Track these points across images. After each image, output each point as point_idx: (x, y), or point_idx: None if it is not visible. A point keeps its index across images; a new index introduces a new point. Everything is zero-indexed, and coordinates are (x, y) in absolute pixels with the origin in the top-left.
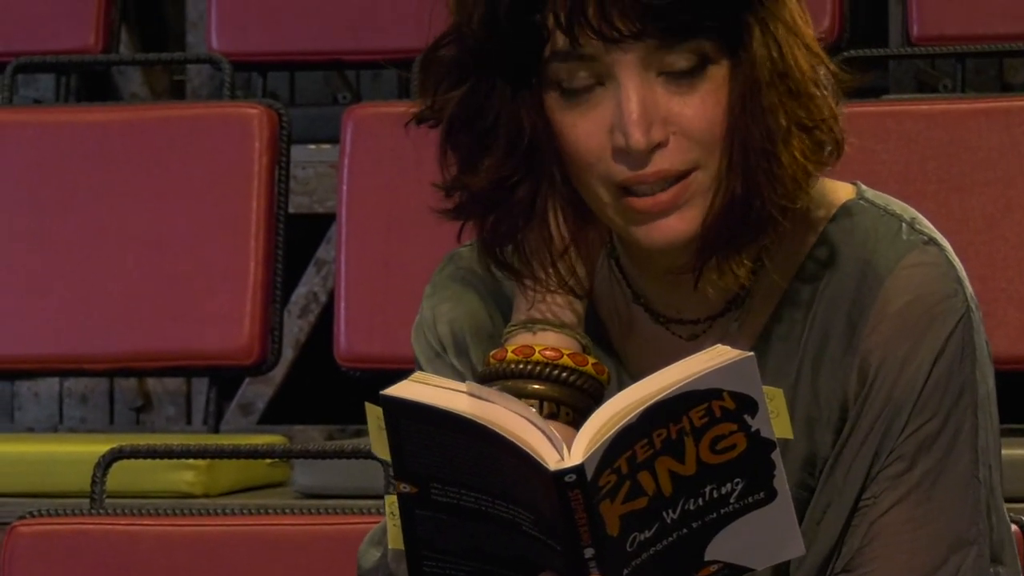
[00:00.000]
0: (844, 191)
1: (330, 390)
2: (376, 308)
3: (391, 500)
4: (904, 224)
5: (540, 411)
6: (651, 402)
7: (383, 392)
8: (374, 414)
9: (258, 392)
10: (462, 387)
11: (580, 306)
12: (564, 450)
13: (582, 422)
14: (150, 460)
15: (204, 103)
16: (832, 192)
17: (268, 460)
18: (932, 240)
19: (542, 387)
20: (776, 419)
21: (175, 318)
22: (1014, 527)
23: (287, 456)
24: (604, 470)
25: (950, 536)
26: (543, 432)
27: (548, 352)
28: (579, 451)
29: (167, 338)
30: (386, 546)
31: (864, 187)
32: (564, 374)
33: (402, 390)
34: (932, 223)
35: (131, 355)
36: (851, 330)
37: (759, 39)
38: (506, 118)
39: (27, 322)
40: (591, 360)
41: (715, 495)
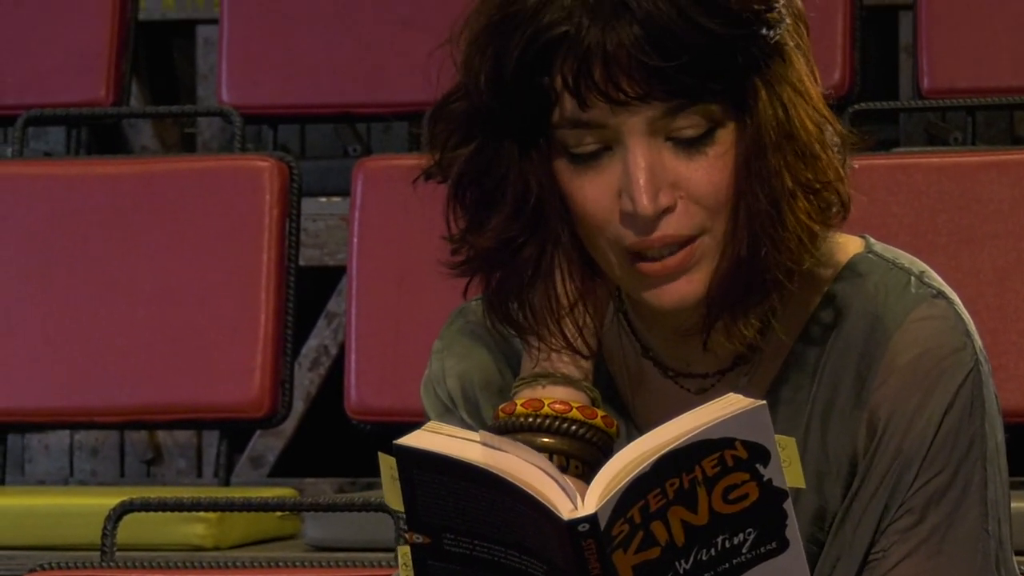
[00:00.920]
0: (853, 245)
1: (340, 443)
2: (387, 361)
3: (404, 551)
4: (913, 277)
5: None
6: (664, 451)
7: (396, 442)
8: (387, 464)
9: (268, 445)
10: (475, 436)
11: (586, 364)
12: (578, 499)
13: (592, 475)
14: (161, 513)
15: (215, 156)
16: (840, 249)
17: (279, 513)
18: (941, 293)
19: (552, 440)
20: (788, 468)
21: (185, 371)
22: None
23: (298, 509)
24: (617, 520)
25: None
26: (557, 482)
27: (557, 405)
28: (593, 500)
29: (178, 391)
30: None
31: (873, 240)
32: (574, 427)
33: (415, 440)
34: (942, 276)
35: (142, 408)
36: (860, 384)
37: (765, 101)
38: (513, 178)
39: (38, 375)
40: (600, 413)
41: (727, 545)
